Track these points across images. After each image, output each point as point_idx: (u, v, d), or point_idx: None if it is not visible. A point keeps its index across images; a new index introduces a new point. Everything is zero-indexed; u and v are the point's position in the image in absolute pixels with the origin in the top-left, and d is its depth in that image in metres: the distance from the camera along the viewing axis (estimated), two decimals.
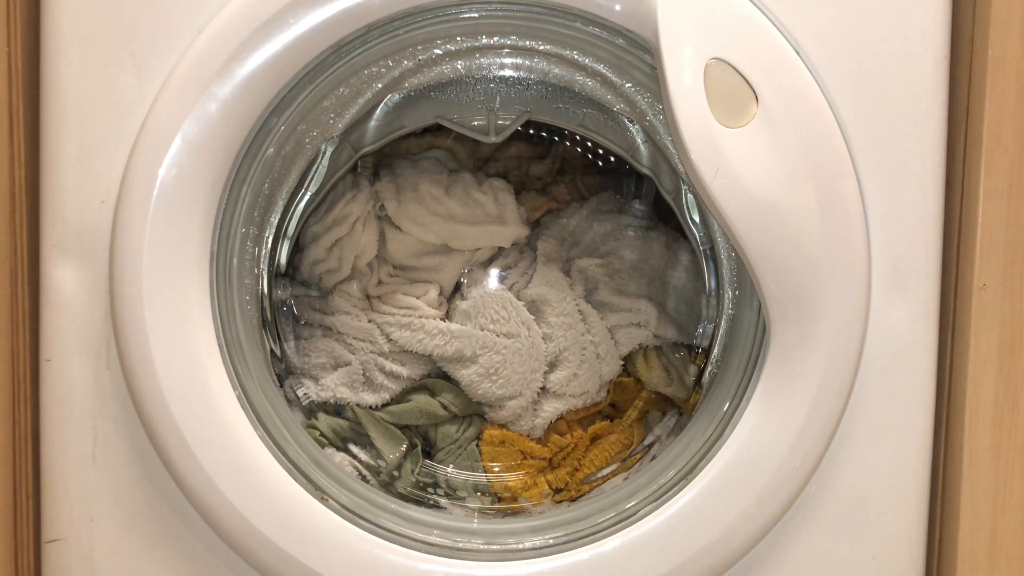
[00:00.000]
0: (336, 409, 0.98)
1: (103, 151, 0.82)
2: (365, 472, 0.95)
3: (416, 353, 0.98)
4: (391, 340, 0.97)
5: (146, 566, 0.86)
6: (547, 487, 0.98)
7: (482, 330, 0.97)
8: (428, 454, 1.00)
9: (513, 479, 0.99)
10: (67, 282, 0.84)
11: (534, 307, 0.99)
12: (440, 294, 1.00)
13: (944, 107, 0.82)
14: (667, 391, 0.99)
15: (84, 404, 0.85)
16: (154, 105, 0.81)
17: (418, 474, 0.97)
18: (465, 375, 0.97)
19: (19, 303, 0.86)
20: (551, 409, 0.99)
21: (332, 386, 0.97)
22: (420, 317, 0.97)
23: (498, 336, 0.97)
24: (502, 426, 1.00)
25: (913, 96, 0.82)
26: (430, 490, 0.97)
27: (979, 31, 0.83)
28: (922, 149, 0.82)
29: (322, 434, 0.95)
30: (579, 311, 0.99)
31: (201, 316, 0.82)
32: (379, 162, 1.04)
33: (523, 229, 1.01)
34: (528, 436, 1.00)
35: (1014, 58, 0.82)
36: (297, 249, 1.00)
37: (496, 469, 0.99)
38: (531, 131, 1.09)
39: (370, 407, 0.98)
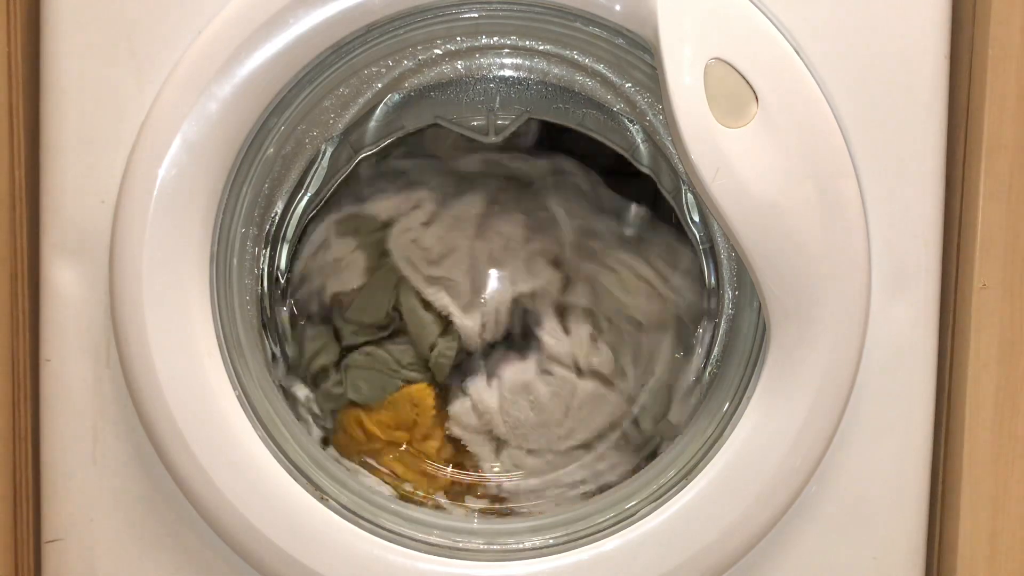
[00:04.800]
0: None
1: (103, 151, 0.82)
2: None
3: None
4: None
5: (146, 566, 0.86)
6: None
7: None
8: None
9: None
10: (67, 282, 0.84)
11: None
12: None
13: (944, 107, 0.82)
14: None
15: (84, 404, 0.85)
16: (154, 105, 0.81)
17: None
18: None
19: (19, 303, 0.86)
20: None
21: None
22: None
23: None
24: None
25: (913, 96, 0.82)
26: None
27: (979, 31, 0.83)
28: (922, 149, 0.82)
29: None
30: None
31: (201, 316, 0.82)
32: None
33: None
34: None
35: (1014, 58, 0.82)
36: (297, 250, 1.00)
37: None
38: None
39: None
